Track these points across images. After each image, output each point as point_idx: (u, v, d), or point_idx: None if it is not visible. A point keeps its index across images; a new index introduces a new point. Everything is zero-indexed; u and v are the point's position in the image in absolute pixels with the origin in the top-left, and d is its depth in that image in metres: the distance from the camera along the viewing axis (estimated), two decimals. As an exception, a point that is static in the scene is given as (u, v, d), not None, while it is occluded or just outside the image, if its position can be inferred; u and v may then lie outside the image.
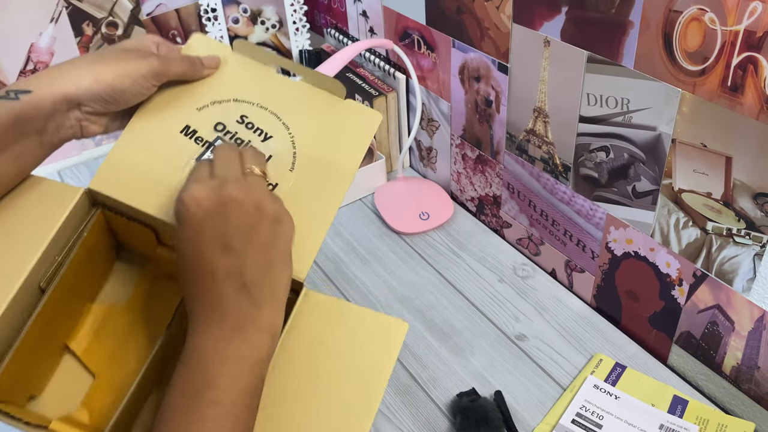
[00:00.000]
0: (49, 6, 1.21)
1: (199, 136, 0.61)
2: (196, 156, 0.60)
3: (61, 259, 0.57)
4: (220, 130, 0.62)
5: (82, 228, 0.59)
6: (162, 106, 0.62)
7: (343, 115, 0.64)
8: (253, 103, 0.63)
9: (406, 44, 1.14)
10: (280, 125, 0.63)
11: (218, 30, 1.32)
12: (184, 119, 0.62)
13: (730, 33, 0.63)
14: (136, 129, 0.61)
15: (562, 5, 0.80)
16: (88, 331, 0.63)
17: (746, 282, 0.74)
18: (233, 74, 0.65)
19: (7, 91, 0.54)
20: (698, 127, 0.71)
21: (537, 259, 1.06)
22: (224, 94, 0.63)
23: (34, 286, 0.55)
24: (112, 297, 0.65)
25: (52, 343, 0.61)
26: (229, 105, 0.63)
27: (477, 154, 1.08)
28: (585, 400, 0.81)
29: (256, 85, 0.64)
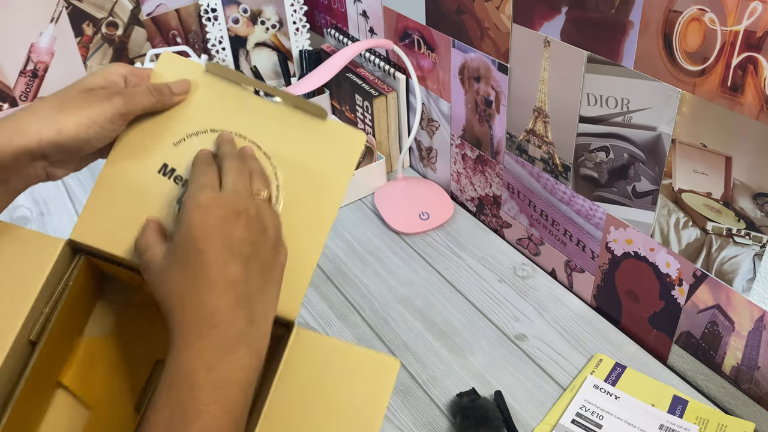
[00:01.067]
0: (49, 6, 1.21)
1: (178, 174, 0.58)
2: (177, 198, 0.58)
3: (48, 312, 0.56)
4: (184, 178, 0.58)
5: (67, 277, 0.58)
6: (136, 144, 0.59)
7: (326, 138, 0.61)
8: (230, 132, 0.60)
9: (406, 44, 1.14)
10: (261, 155, 0.59)
11: (218, 30, 1.32)
12: (161, 157, 0.59)
13: (730, 33, 0.63)
14: (112, 172, 0.58)
15: (562, 5, 0.80)
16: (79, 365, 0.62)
17: (746, 282, 0.74)
18: (208, 101, 0.61)
19: None
20: (698, 127, 0.71)
21: (537, 259, 1.06)
22: (200, 125, 0.60)
23: (25, 340, 0.54)
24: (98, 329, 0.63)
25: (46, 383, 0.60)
26: (206, 136, 0.60)
27: (477, 154, 1.08)
28: (585, 400, 0.81)
29: (232, 112, 0.60)
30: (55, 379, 0.61)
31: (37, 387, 0.58)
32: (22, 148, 0.52)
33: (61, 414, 0.60)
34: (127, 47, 1.32)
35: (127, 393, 0.61)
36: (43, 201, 1.25)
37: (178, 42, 1.36)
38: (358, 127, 1.25)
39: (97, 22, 1.27)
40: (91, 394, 0.61)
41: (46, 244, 0.56)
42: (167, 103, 0.59)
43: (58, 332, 0.57)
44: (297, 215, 0.58)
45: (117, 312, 0.64)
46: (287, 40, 1.39)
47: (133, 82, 0.59)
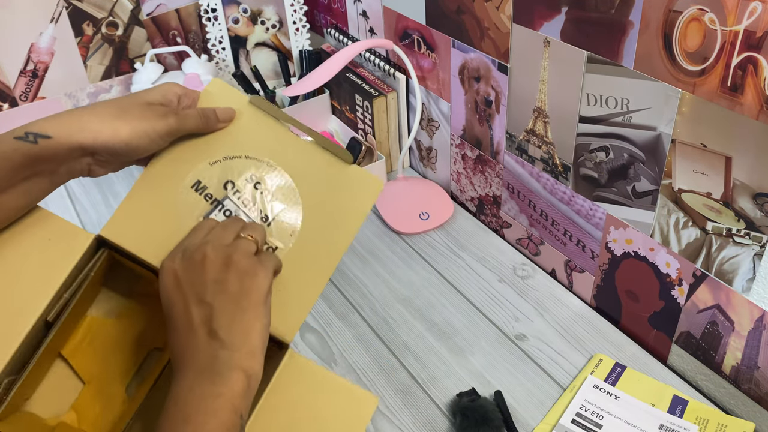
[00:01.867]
0: (49, 6, 1.21)
1: (209, 192, 0.63)
2: (204, 213, 0.62)
3: (68, 297, 0.60)
4: (229, 189, 0.63)
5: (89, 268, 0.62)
6: (176, 158, 0.64)
7: (348, 181, 0.65)
8: (263, 161, 0.65)
9: (406, 44, 1.14)
10: (288, 187, 0.64)
11: (218, 30, 1.32)
12: (197, 174, 0.64)
13: (730, 33, 0.63)
14: (150, 180, 0.63)
15: (562, 5, 0.80)
16: (80, 341, 0.65)
17: (746, 282, 0.74)
18: (247, 129, 0.66)
19: (27, 133, 0.55)
20: (698, 127, 0.71)
21: (537, 259, 1.06)
22: (237, 150, 0.65)
23: (43, 320, 0.59)
24: (105, 309, 0.67)
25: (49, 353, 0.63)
26: (241, 161, 0.64)
27: (477, 154, 1.08)
28: (585, 400, 0.81)
29: (268, 143, 0.65)
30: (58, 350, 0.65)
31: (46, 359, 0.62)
32: (78, 144, 0.56)
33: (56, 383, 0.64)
34: (127, 47, 1.32)
35: (120, 374, 0.65)
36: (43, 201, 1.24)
37: (178, 42, 1.36)
38: (358, 127, 1.25)
39: (97, 22, 1.27)
40: (86, 369, 0.65)
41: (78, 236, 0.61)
42: (212, 128, 0.65)
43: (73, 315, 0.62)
44: (310, 248, 0.63)
45: (121, 297, 0.68)
46: (287, 40, 1.39)
47: (185, 102, 0.64)
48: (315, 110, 1.31)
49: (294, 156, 0.65)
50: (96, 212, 1.21)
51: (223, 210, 0.62)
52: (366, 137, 1.24)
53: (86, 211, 1.22)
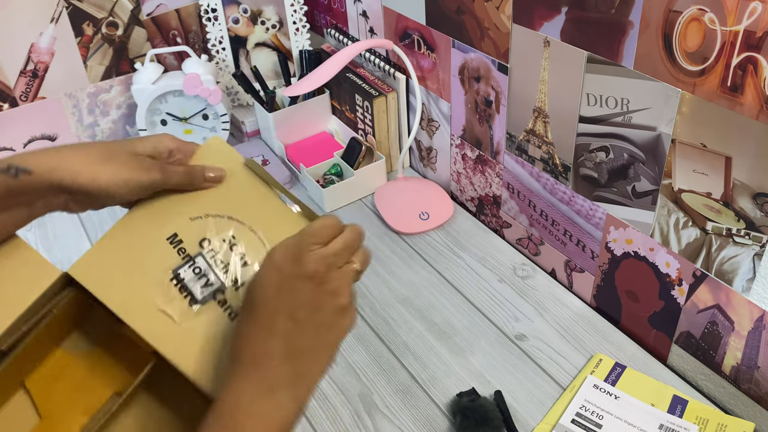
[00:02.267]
0: (49, 6, 1.21)
1: (182, 247, 0.62)
2: (174, 267, 0.61)
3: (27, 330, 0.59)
4: (204, 246, 0.62)
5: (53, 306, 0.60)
6: (160, 207, 0.63)
7: None
8: (245, 224, 0.63)
9: (406, 44, 1.14)
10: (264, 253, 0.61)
11: (218, 30, 1.32)
12: (175, 226, 0.62)
13: (730, 33, 0.63)
14: (128, 224, 0.62)
15: (562, 5, 0.80)
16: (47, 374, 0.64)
17: (746, 282, 0.74)
18: (236, 190, 0.65)
19: (9, 166, 0.56)
20: (698, 127, 0.71)
21: (537, 259, 1.06)
22: (221, 209, 0.64)
23: None
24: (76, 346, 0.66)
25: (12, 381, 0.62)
26: (222, 221, 0.63)
27: (477, 154, 1.08)
28: (585, 400, 0.81)
29: (253, 207, 0.64)
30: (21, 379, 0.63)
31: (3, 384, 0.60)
32: (57, 182, 0.57)
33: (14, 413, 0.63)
34: (127, 47, 1.32)
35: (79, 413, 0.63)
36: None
37: (178, 42, 1.36)
38: (358, 127, 1.25)
39: (97, 22, 1.27)
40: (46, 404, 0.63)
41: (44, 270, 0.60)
42: (197, 187, 0.64)
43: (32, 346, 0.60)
44: None
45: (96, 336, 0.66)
46: (287, 40, 1.39)
47: (176, 157, 0.63)
48: (315, 110, 1.31)
49: (277, 224, 0.64)
50: (96, 212, 1.21)
51: (193, 267, 0.61)
52: (366, 137, 1.24)
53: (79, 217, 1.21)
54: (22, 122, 1.27)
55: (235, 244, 0.62)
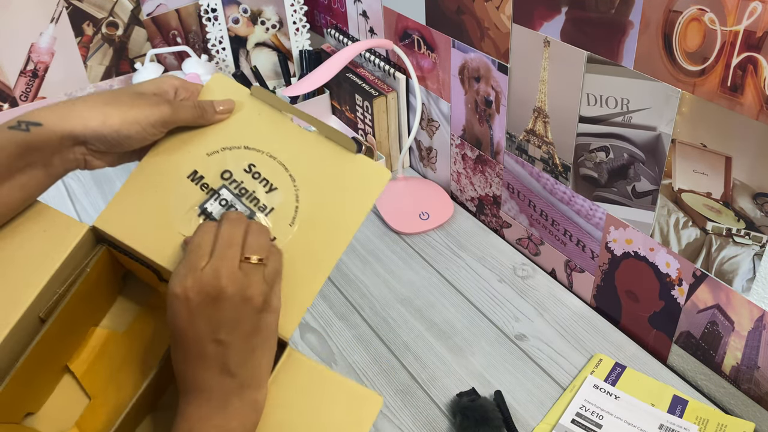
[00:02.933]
0: (49, 6, 1.21)
1: (205, 182, 0.61)
2: (200, 203, 0.60)
3: (62, 292, 0.58)
4: (226, 178, 0.61)
5: (86, 264, 0.60)
6: (173, 148, 0.62)
7: (352, 172, 0.63)
8: (263, 151, 0.63)
9: (406, 44, 1.14)
10: (287, 177, 0.62)
11: (218, 30, 1.32)
12: (193, 164, 0.62)
13: (730, 33, 0.63)
14: (145, 170, 0.61)
15: (562, 5, 0.80)
16: (89, 354, 0.64)
17: (746, 282, 0.74)
18: (247, 120, 0.64)
19: (19, 122, 0.55)
20: (698, 127, 0.71)
21: (537, 259, 1.06)
22: (236, 141, 0.63)
23: (35, 316, 0.56)
24: (114, 323, 0.66)
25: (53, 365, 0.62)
26: (239, 152, 0.63)
27: (477, 154, 1.08)
28: (585, 400, 0.81)
29: (268, 134, 0.64)
30: (64, 363, 0.63)
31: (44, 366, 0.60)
32: (68, 131, 0.56)
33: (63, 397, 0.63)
34: (128, 47, 1.32)
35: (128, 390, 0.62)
36: (43, 201, 1.24)
37: (178, 42, 1.36)
38: (358, 127, 1.25)
39: (97, 22, 1.27)
40: (93, 384, 0.63)
41: (71, 227, 0.59)
42: (209, 120, 0.63)
43: (69, 315, 0.59)
44: (310, 240, 0.60)
45: (133, 310, 0.67)
46: (287, 40, 1.39)
47: (183, 95, 0.63)
48: (315, 110, 1.31)
49: (295, 146, 0.63)
50: (96, 212, 1.21)
51: (219, 199, 0.61)
52: (366, 137, 1.24)
53: (86, 210, 1.22)
54: (22, 122, 1.27)
55: (257, 172, 0.62)
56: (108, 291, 0.67)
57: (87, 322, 0.65)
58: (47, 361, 0.60)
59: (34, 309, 0.56)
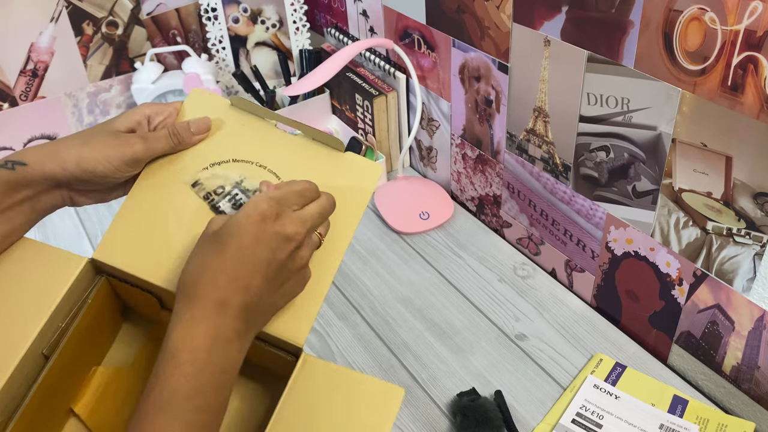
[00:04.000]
0: (49, 5, 1.21)
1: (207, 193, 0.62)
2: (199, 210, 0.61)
3: (64, 327, 0.58)
4: (219, 193, 0.62)
5: (86, 296, 0.60)
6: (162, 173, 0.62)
7: (343, 170, 0.63)
8: (251, 162, 0.63)
9: (406, 44, 1.14)
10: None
11: (218, 29, 1.32)
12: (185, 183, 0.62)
13: (731, 32, 0.63)
14: (137, 197, 0.62)
15: (562, 5, 0.80)
16: (93, 394, 0.63)
17: (746, 282, 0.74)
18: (231, 133, 0.64)
19: (6, 161, 0.58)
20: (698, 126, 0.71)
21: (537, 259, 1.06)
22: (223, 155, 0.63)
23: (38, 353, 0.56)
24: (117, 359, 0.66)
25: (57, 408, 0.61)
26: (228, 165, 0.63)
27: (477, 153, 1.08)
28: (585, 400, 0.81)
29: (254, 143, 0.64)
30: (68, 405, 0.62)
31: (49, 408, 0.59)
32: (49, 173, 0.58)
33: None
34: (127, 47, 1.32)
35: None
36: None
37: (178, 41, 1.36)
38: (358, 126, 1.25)
39: (97, 21, 1.27)
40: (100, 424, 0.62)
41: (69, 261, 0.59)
42: (186, 144, 0.63)
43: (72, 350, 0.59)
44: None
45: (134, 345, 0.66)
46: (287, 39, 1.39)
47: (157, 120, 0.63)
48: (315, 110, 1.31)
49: (283, 152, 0.63)
50: (96, 212, 1.21)
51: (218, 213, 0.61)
52: (366, 137, 1.24)
53: (86, 210, 1.22)
54: (22, 122, 1.27)
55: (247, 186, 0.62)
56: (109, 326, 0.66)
57: (89, 360, 0.64)
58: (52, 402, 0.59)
59: (37, 346, 0.55)
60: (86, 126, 1.34)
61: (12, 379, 0.53)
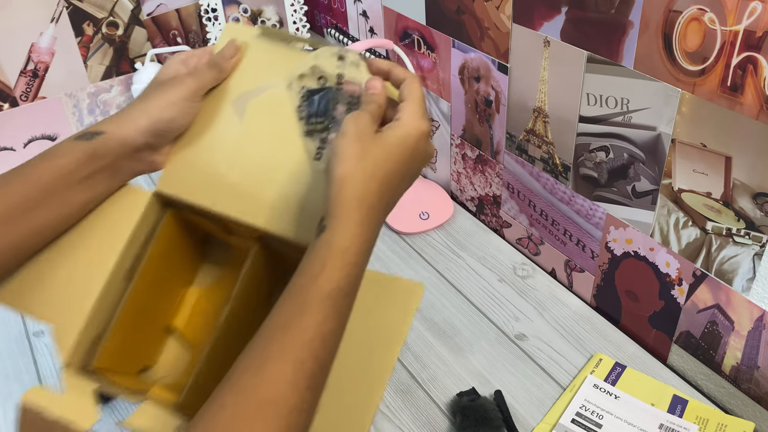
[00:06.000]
0: (49, 6, 1.21)
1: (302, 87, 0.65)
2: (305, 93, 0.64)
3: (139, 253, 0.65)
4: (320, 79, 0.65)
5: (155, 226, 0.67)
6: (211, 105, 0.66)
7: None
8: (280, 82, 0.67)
9: (406, 44, 1.14)
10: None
11: (218, 30, 1.32)
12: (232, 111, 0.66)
13: (730, 33, 0.64)
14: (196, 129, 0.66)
15: (562, 5, 0.80)
16: (186, 311, 0.71)
17: (746, 282, 0.74)
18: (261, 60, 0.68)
19: (84, 133, 0.61)
20: (698, 127, 0.71)
21: (537, 259, 1.06)
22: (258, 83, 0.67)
23: (121, 277, 0.64)
24: (205, 280, 0.73)
25: (152, 326, 0.69)
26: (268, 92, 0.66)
27: (477, 154, 1.08)
28: (585, 400, 0.81)
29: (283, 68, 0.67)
30: (166, 323, 0.70)
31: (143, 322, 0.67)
32: (126, 137, 0.62)
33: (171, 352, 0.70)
34: (128, 47, 1.32)
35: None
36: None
37: (178, 42, 1.36)
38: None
39: (97, 22, 1.27)
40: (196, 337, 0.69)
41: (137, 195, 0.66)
42: (227, 70, 0.67)
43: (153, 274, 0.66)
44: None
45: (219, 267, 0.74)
46: (287, 40, 1.39)
47: (193, 62, 0.67)
48: (315, 110, 1.31)
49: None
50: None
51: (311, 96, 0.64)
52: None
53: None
54: (23, 122, 1.27)
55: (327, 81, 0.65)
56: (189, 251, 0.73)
57: (177, 282, 0.72)
58: (144, 321, 0.67)
59: (118, 271, 0.63)
60: (87, 125, 1.34)
61: (101, 299, 0.62)
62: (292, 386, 0.45)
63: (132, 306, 0.65)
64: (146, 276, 0.65)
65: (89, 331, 0.61)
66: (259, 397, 0.45)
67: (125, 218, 0.64)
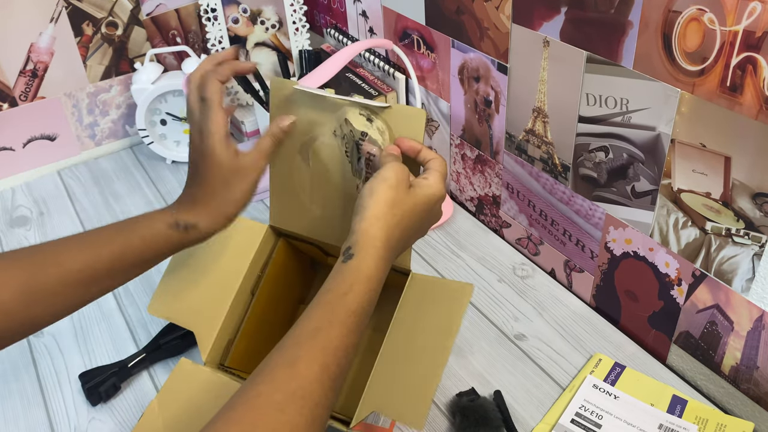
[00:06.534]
0: (48, 6, 1.21)
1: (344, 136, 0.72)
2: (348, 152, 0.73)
3: (260, 274, 0.82)
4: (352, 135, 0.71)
5: (270, 252, 0.83)
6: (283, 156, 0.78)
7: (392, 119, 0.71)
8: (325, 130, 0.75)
9: (405, 44, 1.14)
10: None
11: (218, 30, 1.32)
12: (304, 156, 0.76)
13: (729, 33, 0.64)
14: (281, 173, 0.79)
15: (562, 5, 0.80)
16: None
17: (745, 282, 0.74)
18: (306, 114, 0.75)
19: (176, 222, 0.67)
20: (697, 127, 0.71)
21: (536, 259, 1.06)
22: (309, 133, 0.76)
23: (247, 292, 0.81)
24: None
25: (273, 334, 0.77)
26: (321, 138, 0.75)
27: (476, 154, 1.08)
28: (584, 400, 0.81)
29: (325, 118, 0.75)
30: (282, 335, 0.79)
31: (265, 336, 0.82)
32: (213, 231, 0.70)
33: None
34: (127, 47, 1.32)
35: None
36: (43, 201, 1.24)
37: (177, 42, 1.36)
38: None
39: (96, 21, 1.27)
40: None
41: (254, 228, 0.82)
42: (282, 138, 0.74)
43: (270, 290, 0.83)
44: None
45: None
46: (287, 40, 1.39)
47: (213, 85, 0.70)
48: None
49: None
50: (96, 212, 1.21)
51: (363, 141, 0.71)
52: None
53: (85, 210, 1.22)
54: (22, 122, 1.27)
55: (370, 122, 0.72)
56: (299, 274, 0.89)
57: (290, 299, 0.88)
58: (265, 330, 0.83)
59: (246, 287, 0.80)
60: (86, 126, 1.34)
61: (230, 312, 0.78)
62: (318, 384, 0.52)
63: (254, 318, 0.81)
64: (265, 293, 0.82)
65: (222, 336, 0.77)
66: (290, 388, 0.51)
67: (247, 246, 0.80)
